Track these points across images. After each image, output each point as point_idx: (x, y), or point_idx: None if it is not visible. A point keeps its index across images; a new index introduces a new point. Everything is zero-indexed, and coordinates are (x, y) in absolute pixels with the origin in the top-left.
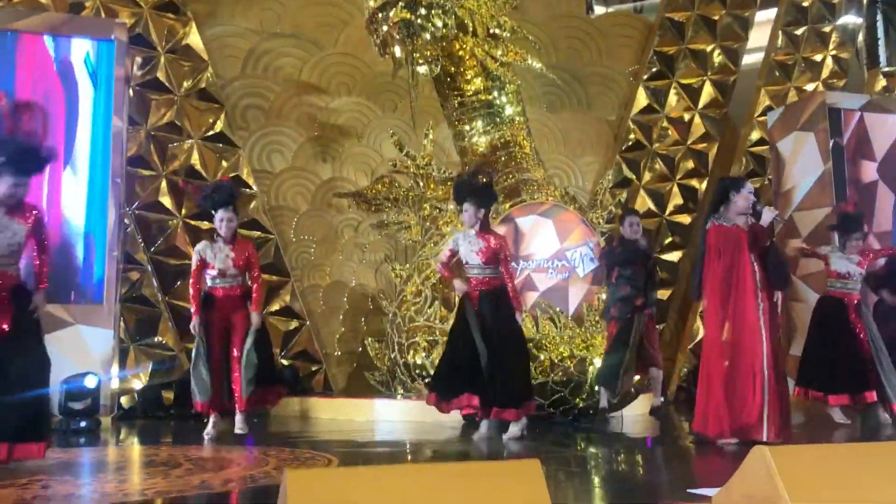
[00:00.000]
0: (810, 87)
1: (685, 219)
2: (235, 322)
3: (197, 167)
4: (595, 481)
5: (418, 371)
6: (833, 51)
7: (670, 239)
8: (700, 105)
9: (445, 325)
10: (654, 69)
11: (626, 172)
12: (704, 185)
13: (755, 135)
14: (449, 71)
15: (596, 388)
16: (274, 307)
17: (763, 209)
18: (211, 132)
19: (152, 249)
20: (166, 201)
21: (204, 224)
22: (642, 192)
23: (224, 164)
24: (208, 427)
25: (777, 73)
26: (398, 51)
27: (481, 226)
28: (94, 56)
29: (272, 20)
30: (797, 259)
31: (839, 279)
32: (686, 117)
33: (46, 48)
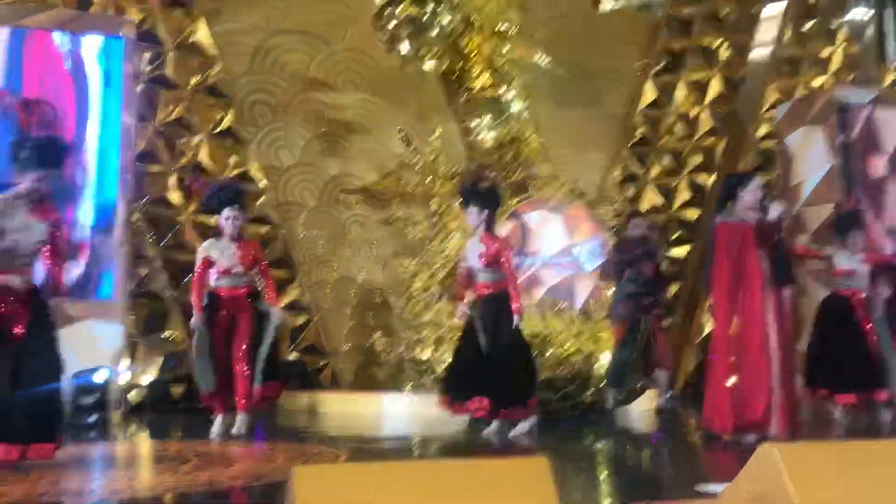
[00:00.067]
0: (819, 82)
1: (693, 214)
2: (240, 321)
3: (205, 163)
4: (602, 477)
5: (426, 366)
6: (841, 45)
7: (678, 234)
8: (708, 100)
9: (453, 321)
10: (662, 64)
11: (634, 168)
12: (712, 181)
13: (763, 130)
14: (456, 67)
15: (601, 386)
16: (282, 302)
17: (770, 204)
18: (219, 128)
19: (161, 245)
20: (175, 197)
21: (212, 219)
22: (650, 188)
23: (232, 160)
24: (215, 425)
25: (785, 68)
26: (405, 47)
27: (486, 228)
28: (104, 53)
29: (279, 16)
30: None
31: (844, 277)
32: (694, 112)
33: (55, 45)
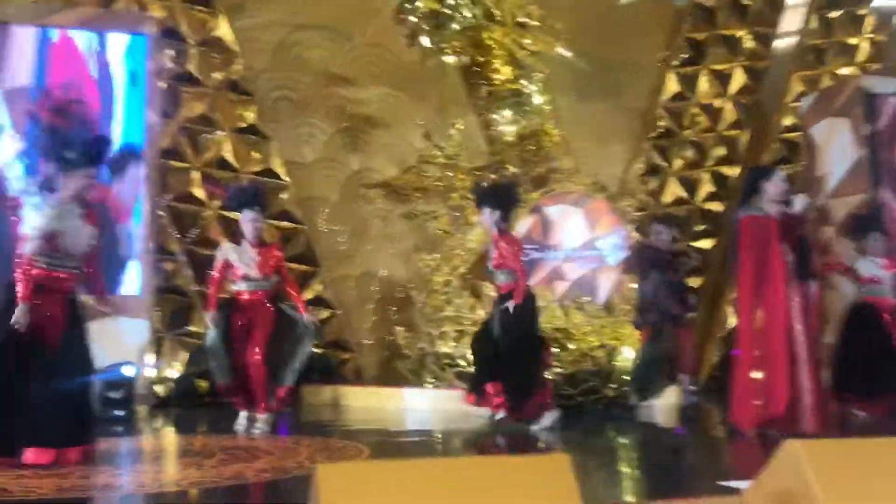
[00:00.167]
0: (845, 72)
1: (717, 206)
2: (257, 325)
3: (228, 159)
4: (625, 472)
5: (448, 360)
6: (868, 34)
7: (702, 227)
8: (731, 91)
9: (474, 315)
10: (685, 55)
11: (657, 160)
12: (736, 173)
13: (788, 121)
14: (477, 60)
15: (625, 382)
16: (305, 297)
17: (795, 197)
18: (242, 124)
19: (186, 240)
20: (199, 193)
21: (236, 215)
22: (673, 180)
23: (255, 156)
24: (239, 420)
25: (810, 58)
26: (426, 41)
27: (497, 229)
28: (129, 52)
29: (300, 11)
30: (829, 248)
31: (869, 284)
32: (717, 104)
33: (80, 43)
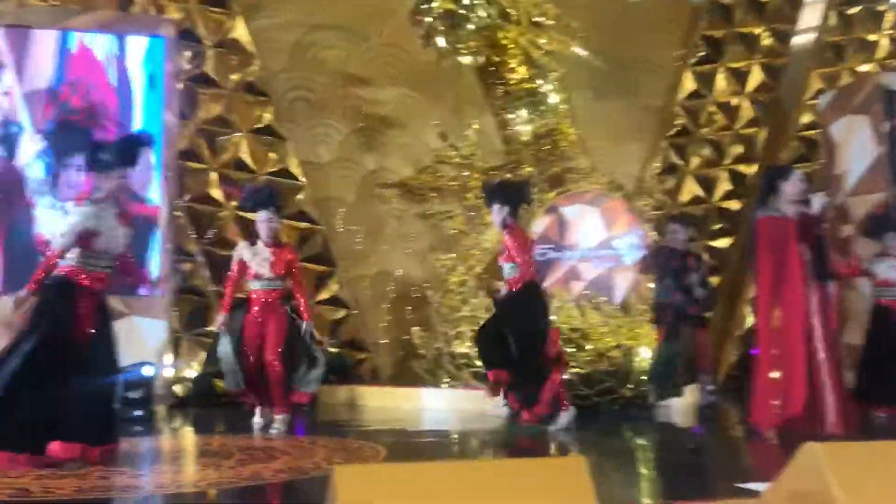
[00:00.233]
0: (864, 69)
1: (734, 205)
2: (271, 325)
3: (245, 160)
4: (642, 473)
5: (464, 360)
6: (888, 30)
7: (719, 225)
8: (749, 89)
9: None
10: (702, 53)
11: (674, 159)
12: (754, 171)
13: (806, 118)
14: (492, 60)
15: (643, 382)
16: (322, 296)
17: (813, 196)
18: (259, 125)
19: (203, 241)
20: (216, 194)
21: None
22: (690, 179)
23: (272, 157)
24: (256, 418)
25: (829, 55)
26: (442, 41)
27: (505, 226)
28: (148, 55)
29: (317, 11)
30: (849, 247)
31: (886, 287)
32: (734, 102)
33: (98, 51)
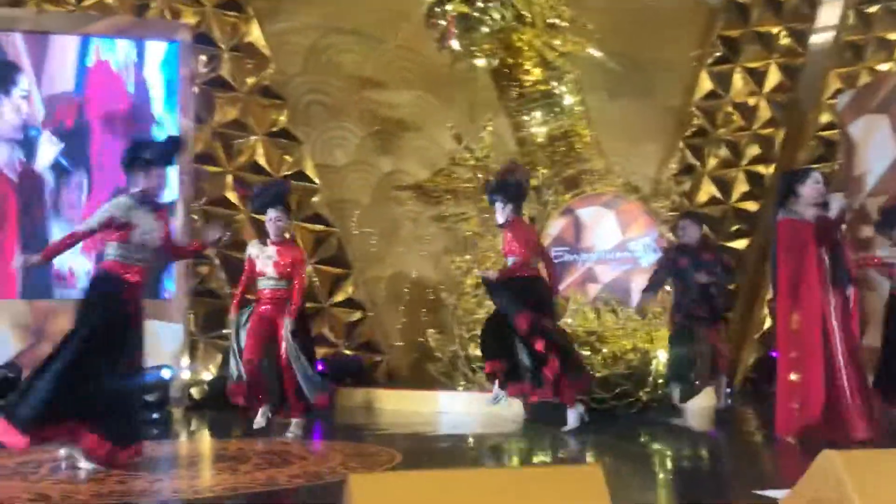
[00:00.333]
0: (883, 68)
1: (752, 206)
2: (279, 326)
3: (261, 163)
4: (659, 478)
5: (479, 363)
6: None
7: (736, 227)
8: (766, 89)
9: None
10: (718, 53)
11: (690, 159)
12: (771, 171)
13: (824, 118)
14: (507, 62)
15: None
16: (337, 298)
17: (831, 197)
18: (274, 128)
19: (219, 243)
20: (232, 196)
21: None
22: (707, 180)
23: (287, 160)
24: (258, 416)
25: (848, 54)
26: (456, 44)
27: (506, 221)
28: (166, 61)
29: (332, 16)
30: (868, 246)
31: None
32: (751, 102)
33: (115, 61)
